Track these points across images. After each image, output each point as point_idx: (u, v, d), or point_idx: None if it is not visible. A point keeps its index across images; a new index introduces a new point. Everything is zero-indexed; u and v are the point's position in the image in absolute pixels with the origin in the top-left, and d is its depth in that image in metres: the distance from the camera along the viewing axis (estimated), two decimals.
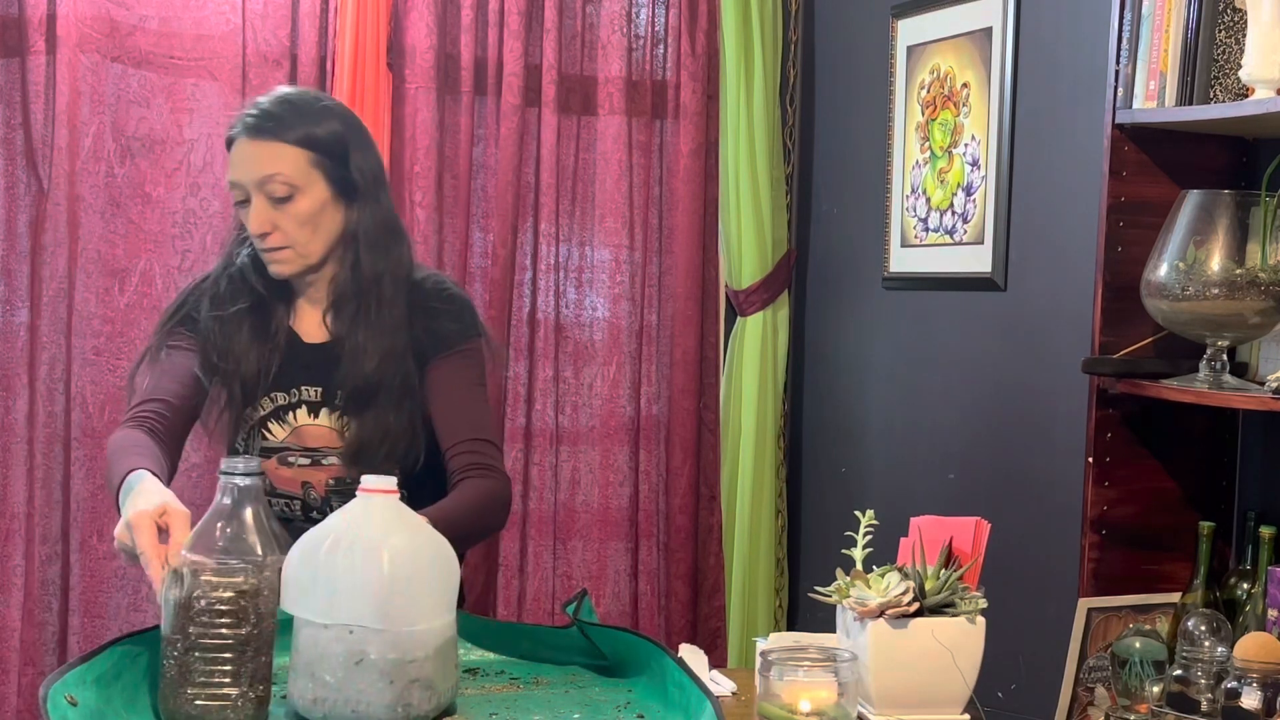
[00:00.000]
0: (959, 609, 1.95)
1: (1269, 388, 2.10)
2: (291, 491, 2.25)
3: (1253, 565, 2.23)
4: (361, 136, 2.23)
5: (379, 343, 2.18)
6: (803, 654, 1.81)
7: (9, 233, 3.09)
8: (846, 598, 1.98)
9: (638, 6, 3.54)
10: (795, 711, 1.74)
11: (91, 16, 3.09)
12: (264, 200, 2.14)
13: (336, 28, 3.24)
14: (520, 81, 3.37)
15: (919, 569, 1.99)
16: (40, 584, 3.09)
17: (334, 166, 2.17)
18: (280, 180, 2.13)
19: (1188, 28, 2.24)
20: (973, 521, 2.04)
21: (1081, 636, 2.30)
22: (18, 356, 3.10)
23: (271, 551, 1.66)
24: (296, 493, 2.25)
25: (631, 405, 3.54)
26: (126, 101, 3.15)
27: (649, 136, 3.55)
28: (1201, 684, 1.98)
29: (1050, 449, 2.84)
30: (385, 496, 1.72)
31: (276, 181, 2.13)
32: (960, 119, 3.14)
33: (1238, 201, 2.21)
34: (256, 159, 2.14)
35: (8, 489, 3.09)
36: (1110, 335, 2.38)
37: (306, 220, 2.16)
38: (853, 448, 3.54)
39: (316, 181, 2.16)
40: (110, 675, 1.69)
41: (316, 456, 2.24)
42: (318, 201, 2.16)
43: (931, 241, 3.23)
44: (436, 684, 1.69)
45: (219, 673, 1.62)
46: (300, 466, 2.24)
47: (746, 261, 3.59)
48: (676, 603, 3.55)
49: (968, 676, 1.94)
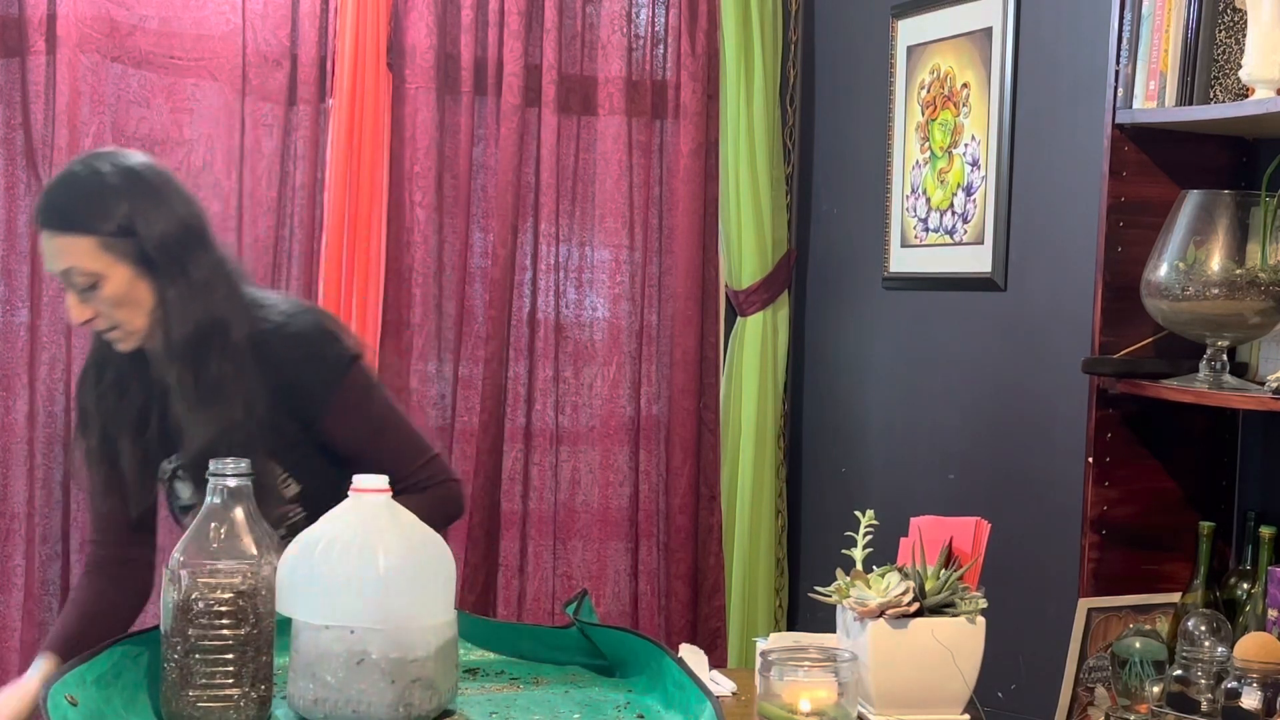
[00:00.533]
0: (959, 609, 1.95)
1: (1269, 388, 2.10)
2: None
3: (1253, 565, 2.23)
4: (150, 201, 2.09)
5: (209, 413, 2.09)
6: (803, 654, 1.81)
7: (9, 233, 3.09)
8: (846, 598, 1.99)
9: (638, 6, 3.54)
10: (795, 711, 1.74)
11: (91, 16, 3.09)
12: (74, 291, 2.09)
13: (336, 28, 3.24)
14: (520, 81, 3.37)
15: (919, 569, 1.99)
16: (40, 584, 3.09)
17: (128, 245, 2.07)
18: (78, 273, 2.07)
19: (1188, 28, 2.24)
20: (973, 521, 2.05)
21: (1081, 636, 2.30)
22: (18, 356, 3.10)
23: (266, 550, 1.66)
24: None
25: (631, 405, 3.54)
26: (126, 101, 3.15)
27: (649, 136, 3.55)
28: (1201, 684, 1.98)
29: (1050, 449, 2.83)
30: (377, 495, 1.72)
31: (75, 274, 2.07)
32: (960, 119, 3.14)
33: (1238, 201, 2.21)
34: (53, 253, 2.08)
35: (8, 489, 3.09)
36: (1110, 335, 2.38)
37: (119, 302, 2.08)
38: (853, 448, 3.54)
39: (114, 264, 2.07)
40: (110, 675, 1.69)
41: None
42: (124, 282, 2.08)
43: (931, 241, 3.23)
44: (437, 683, 1.69)
45: (220, 673, 1.63)
46: None
47: (746, 261, 3.59)
48: (676, 603, 3.55)
49: (968, 676, 1.94)
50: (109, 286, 2.07)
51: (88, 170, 2.10)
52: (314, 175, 3.26)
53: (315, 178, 3.26)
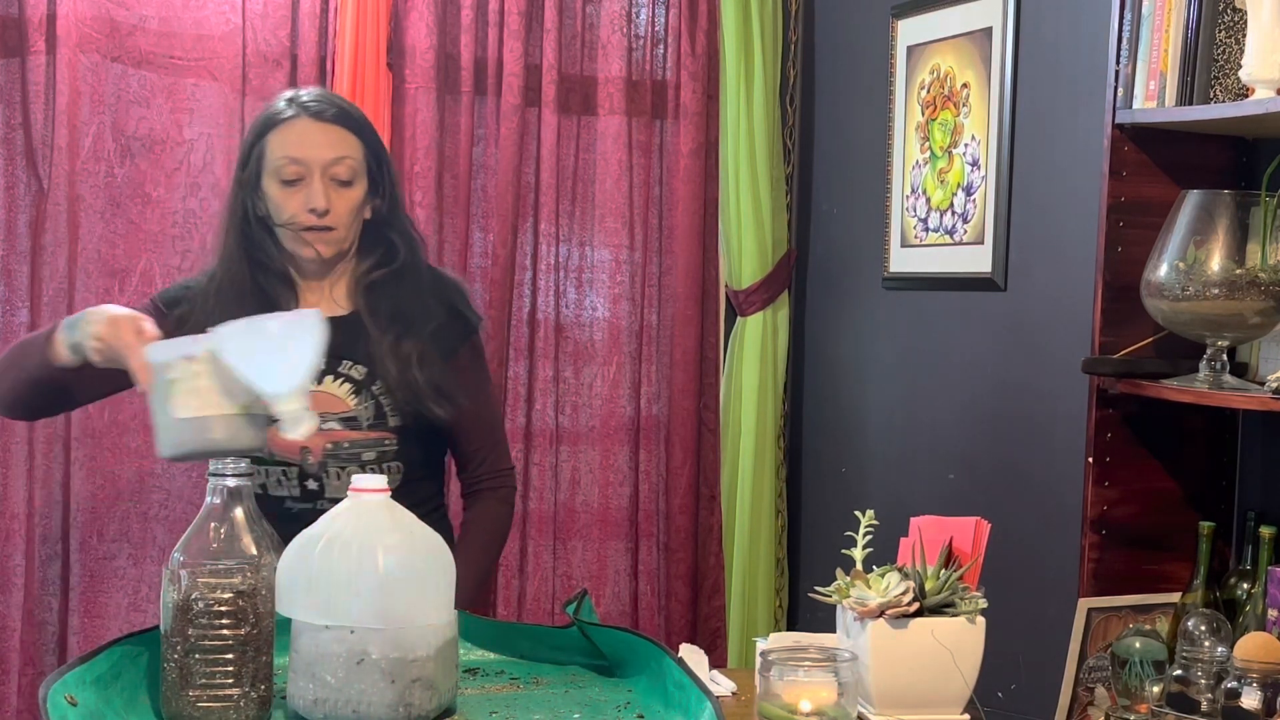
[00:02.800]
0: (959, 609, 1.95)
1: (1269, 388, 2.10)
2: (289, 457, 2.28)
3: (1253, 565, 2.23)
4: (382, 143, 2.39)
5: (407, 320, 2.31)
6: (803, 654, 1.81)
7: (9, 233, 3.09)
8: (846, 598, 1.99)
9: (638, 6, 3.54)
10: (795, 711, 1.74)
11: (91, 16, 3.09)
12: (327, 180, 2.26)
13: (336, 28, 3.24)
14: (520, 81, 3.37)
15: (919, 569, 1.99)
16: (40, 584, 3.09)
17: (374, 166, 2.32)
18: (347, 164, 2.27)
19: (1188, 28, 2.24)
20: (973, 521, 2.04)
21: (1081, 636, 2.30)
22: None
23: (266, 550, 1.66)
24: (294, 457, 2.28)
25: (631, 405, 3.54)
26: (126, 101, 3.15)
27: (649, 136, 3.55)
28: (1201, 684, 1.98)
29: (1050, 449, 2.84)
30: (376, 495, 1.72)
31: (344, 164, 2.27)
32: (960, 119, 3.14)
33: (1238, 201, 2.21)
34: (326, 141, 2.27)
35: (8, 489, 3.09)
36: (1110, 335, 2.38)
37: (354, 207, 2.30)
38: (853, 448, 3.54)
39: (363, 175, 2.31)
40: (110, 675, 1.69)
41: None
42: (363, 193, 2.31)
43: (931, 241, 3.23)
44: (438, 683, 1.69)
45: (220, 674, 1.63)
46: None
47: (746, 261, 3.59)
48: (676, 603, 3.55)
49: (968, 676, 1.94)
50: (357, 190, 2.30)
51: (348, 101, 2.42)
52: None
53: None
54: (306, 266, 2.34)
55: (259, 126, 2.32)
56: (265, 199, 2.30)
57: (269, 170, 2.28)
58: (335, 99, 2.37)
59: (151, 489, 3.19)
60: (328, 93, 2.39)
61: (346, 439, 2.29)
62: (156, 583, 3.11)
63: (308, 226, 2.27)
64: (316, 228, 2.27)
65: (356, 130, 2.31)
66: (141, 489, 3.18)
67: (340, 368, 2.30)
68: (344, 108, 2.34)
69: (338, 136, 2.28)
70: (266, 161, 2.28)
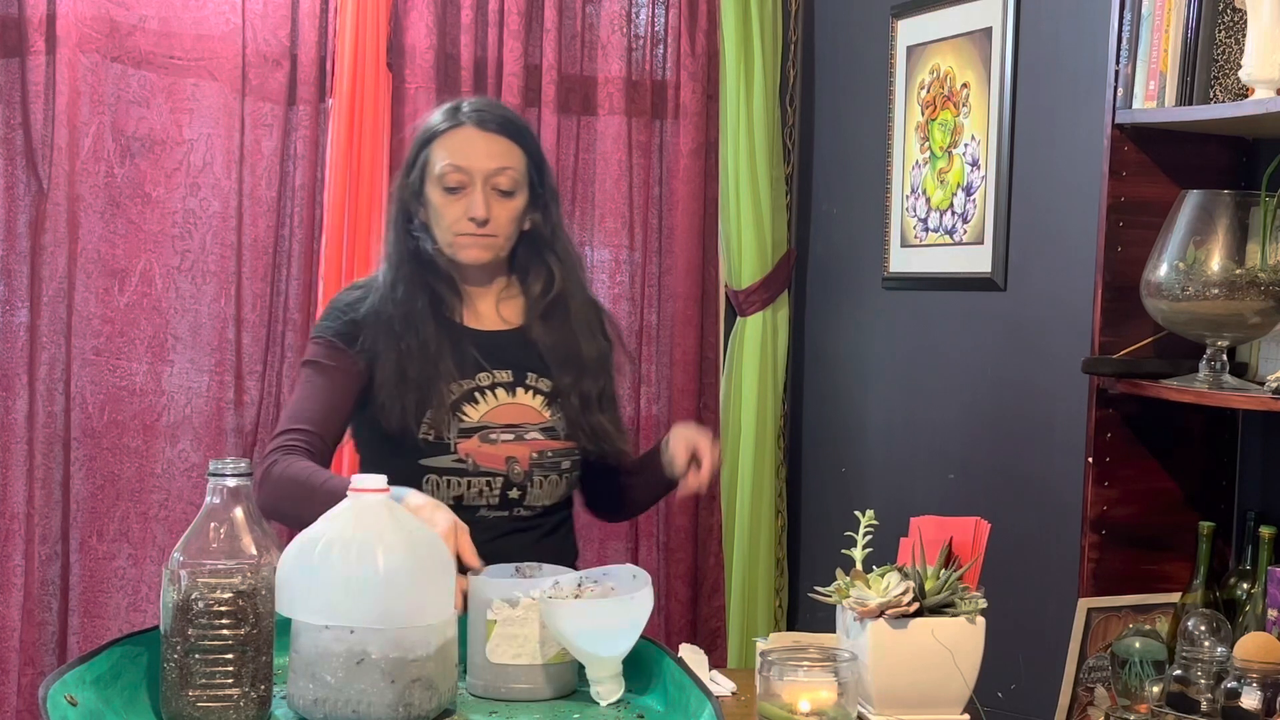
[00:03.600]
0: (959, 609, 1.95)
1: (1269, 388, 2.10)
2: (495, 468, 2.30)
3: (1253, 565, 2.23)
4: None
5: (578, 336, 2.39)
6: (803, 654, 1.81)
7: (9, 233, 3.09)
8: (846, 598, 1.98)
9: (638, 6, 3.54)
10: (795, 711, 1.74)
11: (91, 16, 3.09)
12: (489, 190, 2.29)
13: (336, 28, 3.24)
14: (520, 81, 3.37)
15: (919, 569, 1.99)
16: (40, 584, 3.09)
17: (535, 178, 2.36)
18: (509, 174, 2.31)
19: (1188, 28, 2.24)
20: (973, 521, 2.04)
21: (1081, 636, 2.30)
22: (18, 356, 3.10)
23: (266, 550, 1.66)
24: (500, 469, 2.30)
25: (631, 405, 3.54)
26: (126, 101, 3.15)
27: (649, 136, 3.55)
28: (1201, 684, 1.98)
29: (1050, 449, 2.83)
30: (375, 495, 1.72)
31: (506, 175, 2.30)
32: (960, 119, 3.14)
33: (1238, 201, 2.21)
34: (491, 150, 2.30)
35: (8, 489, 3.09)
36: (1110, 335, 2.38)
37: (515, 217, 2.33)
38: (853, 448, 3.54)
39: (524, 186, 2.34)
40: (110, 676, 1.69)
41: (519, 432, 2.32)
42: (524, 203, 2.34)
43: (931, 241, 3.23)
44: (437, 683, 1.69)
45: (220, 673, 1.63)
46: (504, 442, 2.31)
47: (746, 261, 3.59)
48: (676, 603, 3.55)
49: (968, 676, 1.94)
50: (518, 201, 2.33)
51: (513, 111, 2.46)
52: (314, 175, 3.26)
53: (315, 178, 3.26)
54: (469, 272, 2.37)
55: (424, 134, 2.35)
56: (427, 205, 2.33)
57: (432, 177, 2.31)
58: (500, 108, 2.40)
59: (151, 489, 3.19)
60: (493, 102, 2.41)
61: (550, 448, 2.34)
62: (156, 583, 3.11)
63: (467, 232, 2.30)
64: (482, 234, 2.30)
65: (520, 140, 2.34)
66: (141, 489, 3.18)
67: (527, 380, 2.35)
68: (508, 117, 2.37)
69: (502, 147, 2.31)
70: (430, 168, 2.32)
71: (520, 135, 2.35)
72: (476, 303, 2.39)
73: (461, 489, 2.29)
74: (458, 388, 2.30)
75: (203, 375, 3.22)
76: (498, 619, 1.82)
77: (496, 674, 1.83)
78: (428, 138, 2.34)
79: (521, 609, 1.82)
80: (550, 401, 2.36)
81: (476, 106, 2.36)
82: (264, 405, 3.24)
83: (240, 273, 3.22)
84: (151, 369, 3.19)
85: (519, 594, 1.83)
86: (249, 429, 3.23)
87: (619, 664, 1.82)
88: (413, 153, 2.37)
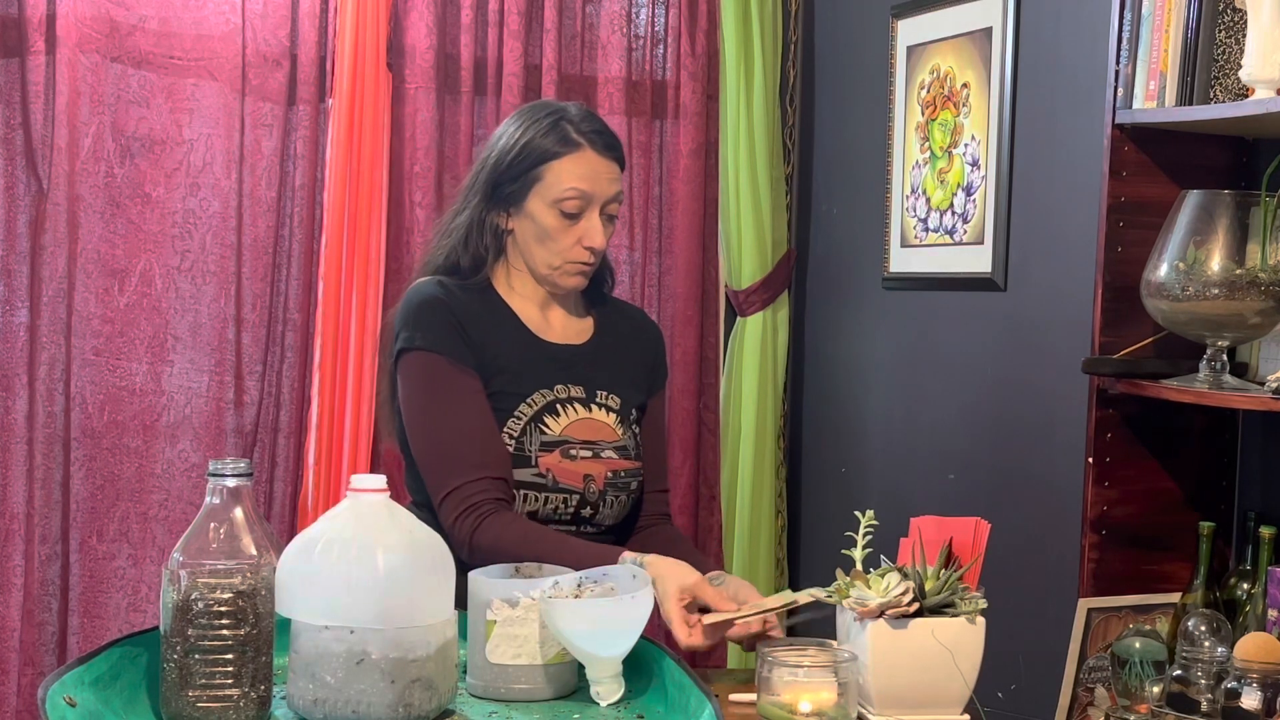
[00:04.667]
0: (959, 609, 1.95)
1: (1269, 388, 2.10)
2: (573, 485, 2.27)
3: (1253, 565, 2.23)
4: None
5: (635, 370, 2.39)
6: (803, 654, 1.81)
7: (9, 233, 3.10)
8: (846, 598, 1.98)
9: (638, 6, 3.54)
10: (795, 711, 1.74)
11: (91, 16, 3.09)
12: (604, 216, 2.27)
13: (336, 28, 3.24)
14: (520, 81, 3.37)
15: (919, 569, 1.99)
16: (40, 584, 3.09)
17: None
18: (618, 202, 2.30)
19: (1188, 28, 2.24)
20: (973, 521, 2.04)
21: (1081, 636, 2.29)
22: (18, 356, 3.10)
23: (266, 550, 1.66)
24: (577, 486, 2.27)
25: None
26: (126, 101, 3.15)
27: (649, 136, 3.55)
28: (1201, 684, 1.98)
29: (1050, 449, 2.83)
30: (375, 496, 1.72)
31: (617, 203, 2.29)
32: (960, 119, 3.14)
33: (1238, 201, 2.21)
34: (610, 176, 2.27)
35: (8, 489, 3.09)
36: (1110, 335, 2.38)
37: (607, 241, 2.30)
38: (853, 448, 3.54)
39: None
40: (109, 676, 1.69)
41: (596, 449, 2.29)
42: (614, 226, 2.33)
43: (931, 241, 3.23)
44: (437, 684, 1.69)
45: (220, 674, 1.62)
46: (583, 459, 2.28)
47: (746, 261, 3.59)
48: None
49: (968, 676, 1.94)
50: (616, 223, 2.32)
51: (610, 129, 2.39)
52: (314, 175, 3.26)
53: (315, 178, 3.26)
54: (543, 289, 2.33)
55: (540, 151, 2.25)
56: (531, 219, 2.26)
57: (549, 198, 2.24)
58: (607, 126, 2.32)
59: (151, 489, 3.19)
60: (600, 119, 2.32)
61: (622, 468, 2.31)
62: (156, 583, 3.11)
63: (580, 260, 2.27)
64: (589, 262, 2.28)
65: (623, 164, 2.31)
66: (141, 489, 3.18)
67: (598, 397, 2.32)
68: (616, 139, 2.31)
69: (617, 172, 2.29)
70: (545, 188, 2.24)
71: (623, 157, 2.32)
72: (551, 316, 2.35)
73: (538, 504, 2.24)
74: (540, 398, 2.27)
75: (203, 375, 3.22)
76: (497, 619, 1.82)
77: (496, 674, 1.83)
78: (546, 155, 2.24)
79: (521, 609, 1.82)
80: (621, 419, 2.33)
81: (595, 128, 2.28)
82: (264, 405, 3.24)
83: (240, 273, 3.22)
84: (151, 369, 3.19)
85: (519, 594, 1.83)
86: (249, 429, 3.23)
87: (619, 664, 1.82)
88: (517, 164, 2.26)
